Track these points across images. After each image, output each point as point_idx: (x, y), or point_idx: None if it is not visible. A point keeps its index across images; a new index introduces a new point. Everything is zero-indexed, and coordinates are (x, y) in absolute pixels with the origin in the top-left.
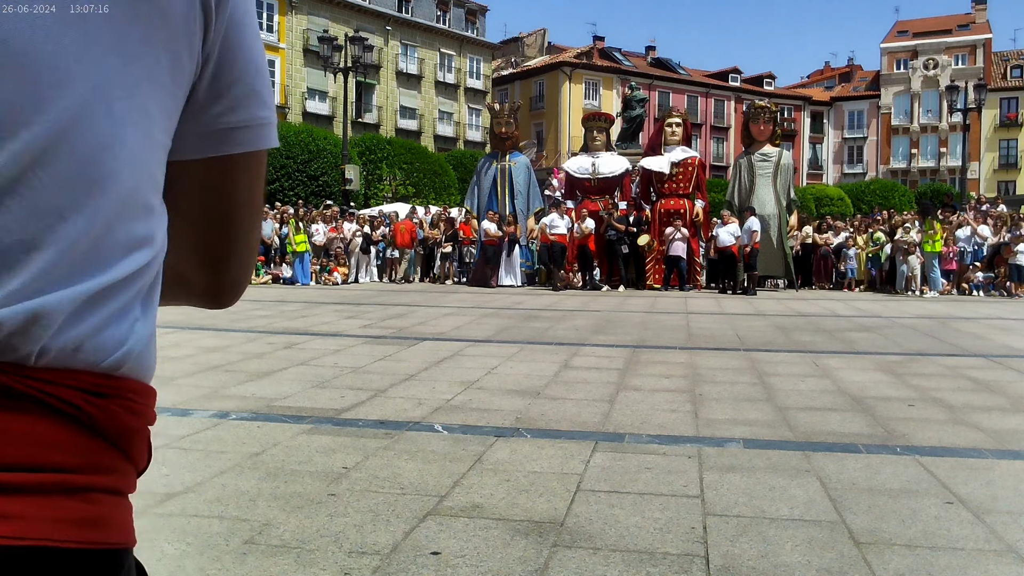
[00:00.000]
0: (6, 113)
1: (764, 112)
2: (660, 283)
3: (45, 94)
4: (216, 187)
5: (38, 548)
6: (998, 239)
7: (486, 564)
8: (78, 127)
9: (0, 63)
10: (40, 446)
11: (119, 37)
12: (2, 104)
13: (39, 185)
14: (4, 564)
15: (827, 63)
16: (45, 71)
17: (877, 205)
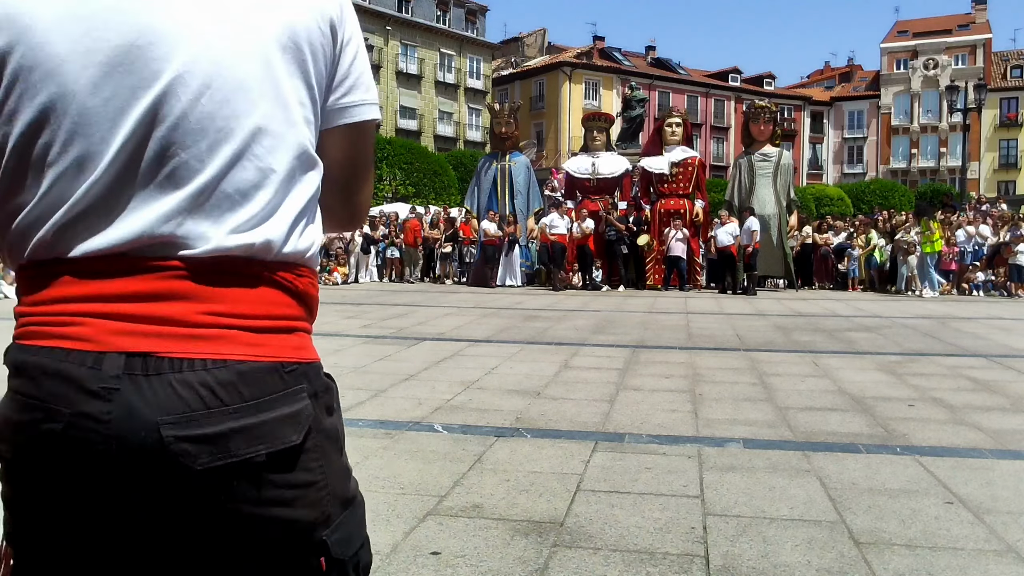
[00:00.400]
0: (236, 113)
1: (764, 112)
2: (660, 283)
3: (255, 103)
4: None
5: (279, 363)
6: (998, 239)
7: (486, 564)
8: (271, 118)
9: (232, 87)
10: (274, 305)
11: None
12: (234, 109)
13: (255, 154)
14: (263, 371)
15: (827, 63)
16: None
17: (877, 205)
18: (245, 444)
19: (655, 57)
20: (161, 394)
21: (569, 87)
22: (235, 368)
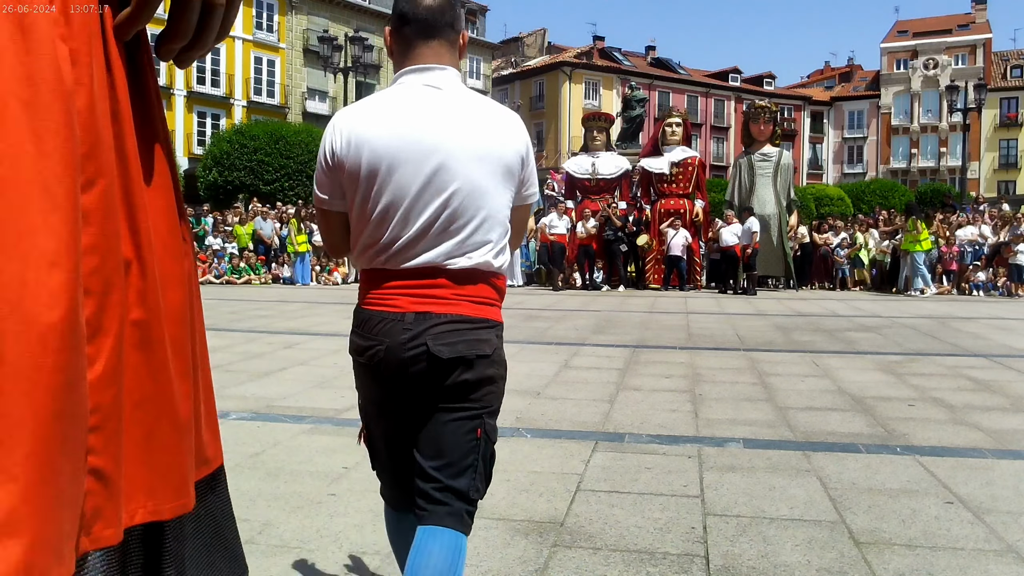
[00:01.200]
0: (478, 207)
1: (764, 112)
2: (660, 283)
3: (484, 199)
4: (521, 214)
5: (485, 318)
6: (998, 239)
7: (486, 564)
8: (492, 209)
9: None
10: (486, 292)
11: (503, 177)
12: (478, 206)
13: (484, 226)
14: (477, 321)
15: (827, 63)
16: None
17: (877, 205)
18: (465, 349)
19: (655, 57)
20: (431, 325)
21: (569, 87)
22: (467, 317)
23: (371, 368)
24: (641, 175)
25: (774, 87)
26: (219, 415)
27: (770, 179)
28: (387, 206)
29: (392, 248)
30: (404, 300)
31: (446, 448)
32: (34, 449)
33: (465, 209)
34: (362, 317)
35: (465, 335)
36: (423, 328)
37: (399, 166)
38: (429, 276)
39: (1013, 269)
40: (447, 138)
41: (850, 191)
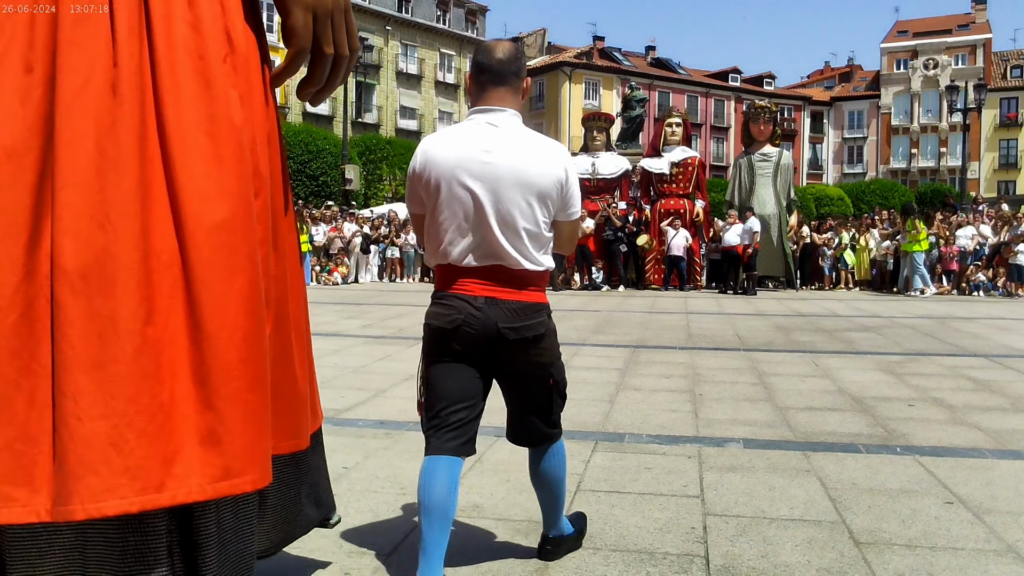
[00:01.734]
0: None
1: (764, 112)
2: (660, 283)
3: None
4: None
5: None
6: (999, 239)
7: (486, 564)
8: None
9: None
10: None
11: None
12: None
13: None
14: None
15: (827, 63)
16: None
17: (877, 205)
18: (526, 331)
19: (655, 57)
20: (498, 311)
21: (569, 87)
22: (524, 303)
23: (450, 331)
24: (641, 175)
25: (774, 87)
26: None
27: (770, 179)
28: (448, 218)
29: (455, 252)
30: (475, 286)
31: (531, 403)
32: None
33: (510, 223)
34: (440, 296)
35: (525, 319)
36: (493, 310)
37: (457, 186)
38: (490, 271)
39: (1013, 269)
40: (494, 167)
41: (850, 191)
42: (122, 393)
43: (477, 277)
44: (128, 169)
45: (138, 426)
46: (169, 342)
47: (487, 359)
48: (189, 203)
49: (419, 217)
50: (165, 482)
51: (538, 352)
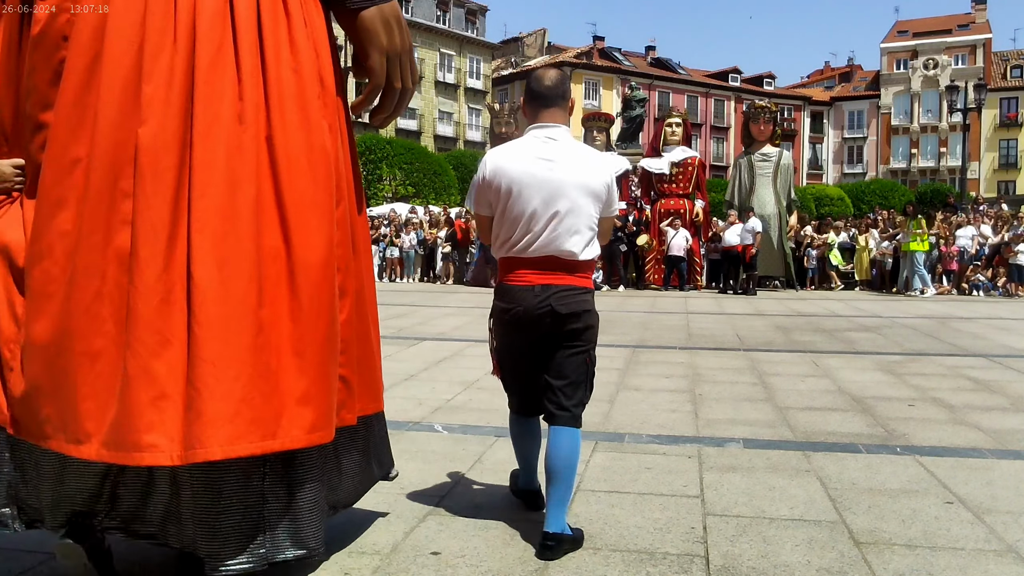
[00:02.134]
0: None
1: (764, 112)
2: (660, 283)
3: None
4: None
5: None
6: (999, 239)
7: (486, 564)
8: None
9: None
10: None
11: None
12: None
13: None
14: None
15: (827, 63)
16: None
17: (877, 205)
18: (576, 307)
19: (655, 57)
20: (552, 293)
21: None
22: (573, 286)
23: (512, 322)
24: (641, 175)
25: (774, 87)
26: None
27: (770, 179)
28: (517, 216)
29: (520, 244)
30: (532, 276)
31: (568, 373)
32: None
33: (568, 219)
34: (504, 289)
35: (574, 298)
36: (548, 295)
37: (524, 190)
38: (547, 262)
39: (1013, 269)
40: (557, 172)
41: (850, 191)
42: (249, 361)
43: (536, 267)
44: (249, 183)
45: (260, 387)
46: (276, 321)
47: (541, 336)
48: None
49: (485, 218)
50: (276, 432)
51: (583, 327)
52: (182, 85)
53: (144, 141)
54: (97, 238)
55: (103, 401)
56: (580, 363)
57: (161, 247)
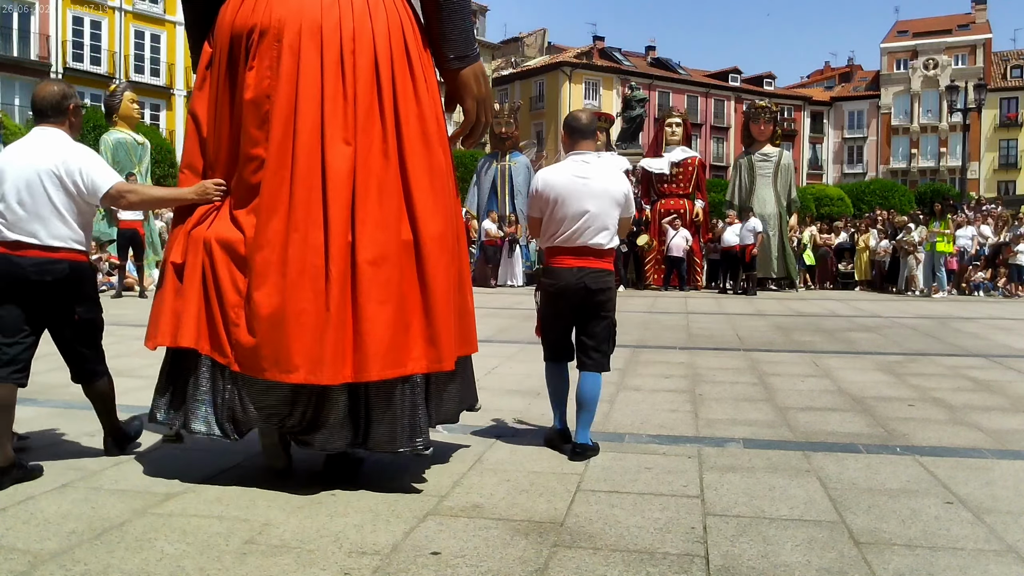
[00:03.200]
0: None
1: (765, 112)
2: (660, 283)
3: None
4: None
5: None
6: (999, 239)
7: (486, 564)
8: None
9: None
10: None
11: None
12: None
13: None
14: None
15: (827, 63)
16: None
17: (877, 205)
18: (602, 284)
19: (655, 57)
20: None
21: (569, 87)
22: (601, 268)
23: (555, 293)
24: (641, 175)
25: (774, 87)
26: None
27: (770, 179)
28: (561, 217)
29: (562, 237)
30: (571, 260)
31: (596, 333)
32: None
33: (597, 219)
34: (550, 270)
35: (601, 278)
36: (583, 274)
37: (566, 199)
38: (582, 250)
39: (1013, 269)
40: (589, 185)
41: (850, 191)
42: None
43: (573, 255)
44: (394, 198)
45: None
46: (411, 291)
47: (575, 307)
48: (422, 219)
49: (537, 219)
50: (414, 361)
51: (607, 299)
52: (350, 130)
53: (329, 168)
54: (299, 235)
55: (306, 344)
56: (606, 326)
57: (341, 241)
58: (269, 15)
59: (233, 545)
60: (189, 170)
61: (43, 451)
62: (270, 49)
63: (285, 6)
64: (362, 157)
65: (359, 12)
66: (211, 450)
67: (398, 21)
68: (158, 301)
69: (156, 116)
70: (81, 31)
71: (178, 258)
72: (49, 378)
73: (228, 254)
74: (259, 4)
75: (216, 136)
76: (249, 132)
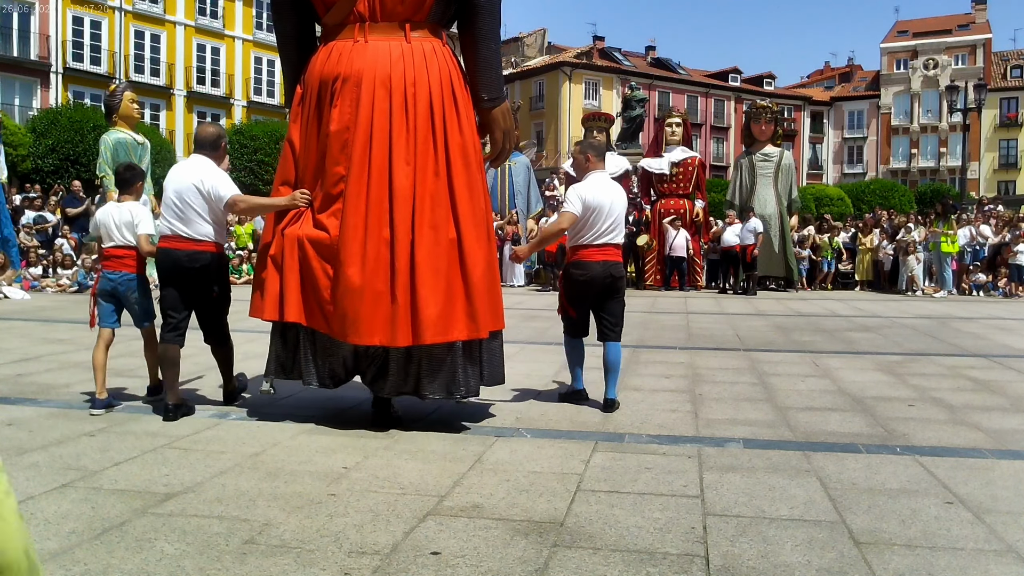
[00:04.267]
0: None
1: (766, 112)
2: (660, 283)
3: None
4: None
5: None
6: (999, 239)
7: (486, 564)
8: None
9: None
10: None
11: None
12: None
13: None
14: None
15: (827, 63)
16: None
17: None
18: (620, 272)
19: (655, 57)
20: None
21: (569, 87)
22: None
23: (584, 281)
24: (641, 175)
25: (774, 87)
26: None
27: (771, 179)
28: (593, 222)
29: (591, 236)
30: (597, 255)
31: (616, 312)
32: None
33: (617, 223)
34: (578, 263)
35: (619, 268)
36: (608, 266)
37: (595, 206)
38: (604, 247)
39: (1013, 269)
40: (611, 197)
41: (850, 191)
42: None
43: (599, 249)
44: (443, 206)
45: (450, 308)
46: (455, 278)
47: (596, 293)
48: (463, 222)
49: (578, 219)
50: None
51: (622, 284)
52: (411, 154)
53: (395, 184)
54: (375, 232)
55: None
56: (622, 306)
57: (404, 239)
58: (351, 66)
59: (233, 545)
60: (284, 185)
61: (43, 451)
62: (351, 92)
63: (363, 59)
64: (420, 175)
65: (418, 64)
66: (208, 451)
67: (447, 70)
68: (258, 283)
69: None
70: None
71: (275, 251)
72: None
73: (317, 249)
74: (343, 57)
75: (305, 158)
76: (333, 154)
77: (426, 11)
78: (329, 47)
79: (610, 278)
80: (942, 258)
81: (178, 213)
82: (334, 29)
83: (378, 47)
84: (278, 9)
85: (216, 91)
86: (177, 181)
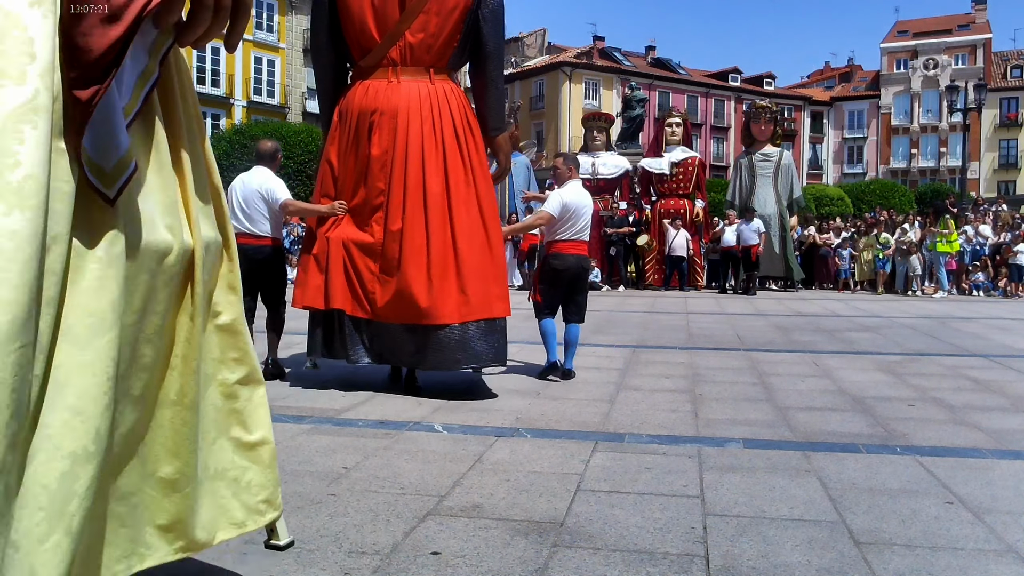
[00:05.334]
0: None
1: (766, 112)
2: (660, 283)
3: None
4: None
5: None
6: (999, 239)
7: (486, 564)
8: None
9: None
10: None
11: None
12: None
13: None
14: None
15: (827, 63)
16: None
17: (878, 205)
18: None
19: (655, 57)
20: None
21: (569, 87)
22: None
23: (558, 270)
24: (641, 175)
25: (774, 87)
26: None
27: (771, 179)
28: (570, 221)
29: (569, 233)
30: (571, 248)
31: (580, 300)
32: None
33: (587, 223)
34: (556, 255)
35: (588, 261)
36: (579, 258)
37: (573, 209)
38: (577, 242)
39: (1013, 269)
40: (585, 202)
41: (850, 191)
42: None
43: (573, 244)
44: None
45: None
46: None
47: (568, 281)
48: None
49: (556, 219)
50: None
51: (587, 275)
52: (443, 167)
53: (428, 192)
54: (414, 232)
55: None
56: (585, 294)
57: (442, 237)
58: (388, 102)
59: (233, 545)
60: (325, 197)
61: None
62: (388, 123)
63: (398, 97)
64: (453, 184)
65: (441, 100)
66: None
67: (461, 105)
68: (302, 278)
69: None
70: None
71: (319, 251)
72: None
73: (360, 249)
74: (379, 94)
75: (343, 174)
76: (374, 172)
77: (447, 59)
78: (366, 85)
79: (581, 268)
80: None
81: (245, 213)
82: (367, 70)
83: (409, 87)
84: (318, 49)
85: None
86: (244, 187)
